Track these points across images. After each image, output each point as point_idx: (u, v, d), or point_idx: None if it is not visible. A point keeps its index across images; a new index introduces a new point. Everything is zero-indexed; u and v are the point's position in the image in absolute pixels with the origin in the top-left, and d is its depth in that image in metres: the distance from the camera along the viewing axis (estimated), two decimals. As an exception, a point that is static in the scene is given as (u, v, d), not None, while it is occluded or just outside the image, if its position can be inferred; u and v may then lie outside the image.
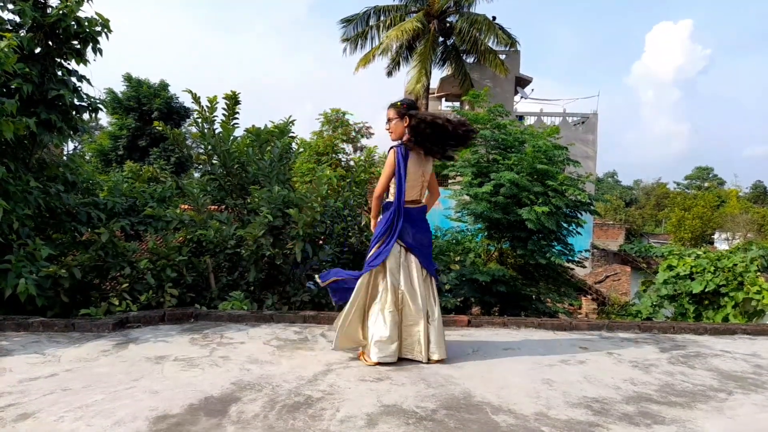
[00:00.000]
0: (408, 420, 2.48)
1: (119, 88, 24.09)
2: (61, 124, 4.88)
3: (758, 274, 6.46)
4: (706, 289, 6.73)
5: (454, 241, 8.91)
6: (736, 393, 3.09)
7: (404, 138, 3.52)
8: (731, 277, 6.60)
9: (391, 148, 3.53)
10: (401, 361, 3.39)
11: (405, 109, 3.51)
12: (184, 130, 21.80)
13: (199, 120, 6.39)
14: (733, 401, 2.94)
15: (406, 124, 3.48)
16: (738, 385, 3.23)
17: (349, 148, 16.63)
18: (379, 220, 3.56)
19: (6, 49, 4.07)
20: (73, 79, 5.08)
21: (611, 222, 36.44)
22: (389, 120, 3.56)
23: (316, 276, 3.76)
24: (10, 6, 4.69)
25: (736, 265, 6.66)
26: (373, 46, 21.25)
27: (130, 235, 5.78)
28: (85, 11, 4.98)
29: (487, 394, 2.87)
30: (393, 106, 3.54)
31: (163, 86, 24.72)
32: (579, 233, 8.31)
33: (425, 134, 3.43)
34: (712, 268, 6.85)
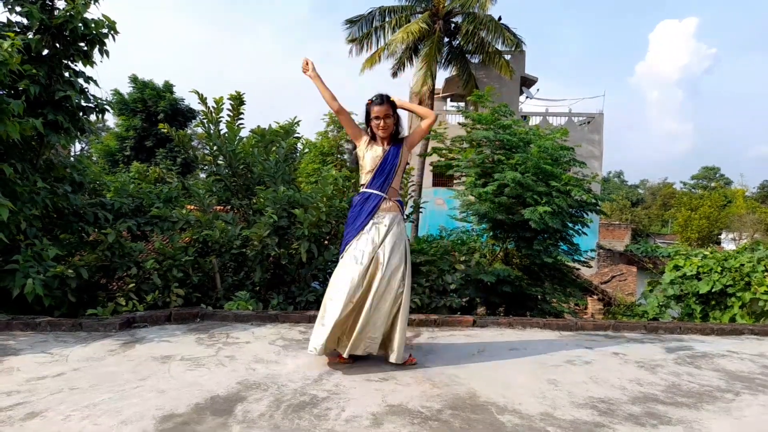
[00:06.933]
0: (413, 420, 2.48)
1: (126, 89, 24.23)
2: (68, 125, 4.91)
3: (765, 274, 6.41)
4: (713, 290, 6.69)
5: (459, 241, 8.90)
6: (743, 394, 3.07)
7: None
8: (738, 278, 6.56)
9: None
10: (405, 362, 3.39)
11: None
12: (189, 131, 21.89)
13: (205, 121, 6.42)
14: (740, 402, 2.93)
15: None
16: (745, 386, 3.21)
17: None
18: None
19: (10, 49, 4.09)
20: (80, 81, 5.11)
21: (617, 222, 36.36)
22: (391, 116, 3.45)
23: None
24: (18, 8, 4.72)
25: (743, 265, 6.61)
26: (379, 46, 21.23)
27: (137, 236, 5.81)
28: (92, 13, 5.00)
29: (492, 395, 2.87)
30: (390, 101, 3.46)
31: (168, 88, 24.82)
32: (585, 233, 8.28)
33: None
34: (719, 269, 6.81)
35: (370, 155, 3.45)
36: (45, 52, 4.88)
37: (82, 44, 5.05)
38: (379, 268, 3.22)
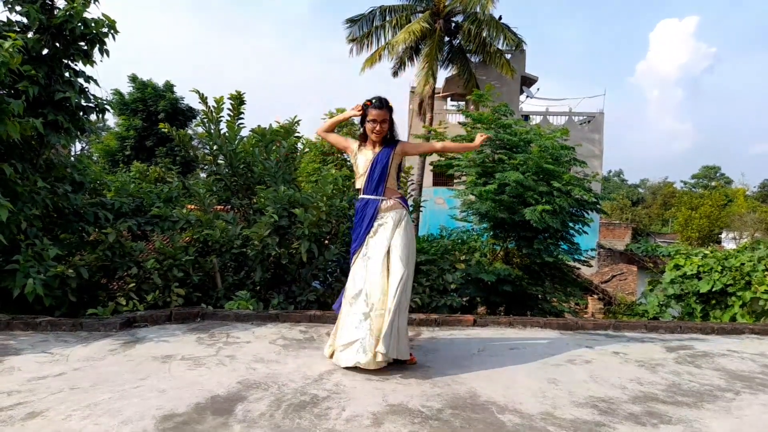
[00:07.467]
0: (414, 419, 2.48)
1: (126, 89, 24.19)
2: (68, 125, 4.91)
3: (766, 273, 6.41)
4: (714, 289, 6.69)
5: (459, 240, 8.90)
6: (743, 393, 3.07)
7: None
8: (739, 277, 6.56)
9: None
10: (406, 361, 3.38)
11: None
12: (189, 131, 21.88)
13: (206, 120, 6.41)
14: (741, 401, 2.93)
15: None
16: (745, 385, 3.21)
17: (354, 147, 16.59)
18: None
19: (11, 49, 4.09)
20: (80, 80, 5.10)
21: (618, 221, 36.36)
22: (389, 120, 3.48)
23: None
24: (18, 8, 4.72)
25: (743, 264, 6.62)
26: (379, 46, 21.22)
27: (137, 235, 5.81)
28: (92, 12, 5.00)
29: (492, 394, 2.87)
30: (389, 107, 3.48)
31: (169, 87, 24.80)
32: (585, 233, 8.28)
33: None
34: (720, 268, 6.81)
35: (362, 160, 3.49)
36: (45, 51, 4.88)
37: (82, 44, 5.04)
38: (397, 269, 3.21)
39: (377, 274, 3.21)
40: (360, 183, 3.50)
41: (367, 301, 3.19)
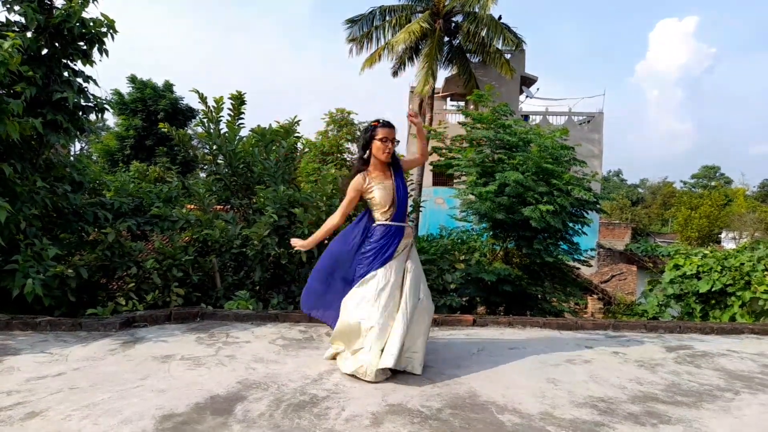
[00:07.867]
0: (413, 419, 2.48)
1: (125, 89, 24.19)
2: (67, 124, 4.91)
3: (765, 273, 6.41)
4: (713, 289, 6.69)
5: (459, 240, 8.91)
6: (743, 393, 3.07)
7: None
8: (738, 277, 6.56)
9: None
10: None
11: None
12: (189, 131, 21.86)
13: (205, 120, 6.41)
14: (740, 401, 2.93)
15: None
16: (745, 385, 3.21)
17: (353, 147, 16.60)
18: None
19: (10, 50, 4.09)
20: (79, 80, 5.10)
21: (617, 221, 36.34)
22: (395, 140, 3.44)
23: None
24: (17, 7, 4.71)
25: (743, 264, 6.61)
26: (379, 46, 21.22)
27: (137, 235, 5.81)
28: (90, 12, 5.00)
29: (492, 394, 2.87)
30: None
31: (168, 87, 24.81)
32: (585, 233, 8.29)
33: None
34: (719, 268, 6.81)
35: (380, 192, 3.32)
36: (44, 52, 4.88)
37: (81, 43, 5.04)
38: (413, 291, 3.19)
39: (388, 295, 3.14)
40: (387, 215, 3.34)
41: (371, 317, 3.11)
